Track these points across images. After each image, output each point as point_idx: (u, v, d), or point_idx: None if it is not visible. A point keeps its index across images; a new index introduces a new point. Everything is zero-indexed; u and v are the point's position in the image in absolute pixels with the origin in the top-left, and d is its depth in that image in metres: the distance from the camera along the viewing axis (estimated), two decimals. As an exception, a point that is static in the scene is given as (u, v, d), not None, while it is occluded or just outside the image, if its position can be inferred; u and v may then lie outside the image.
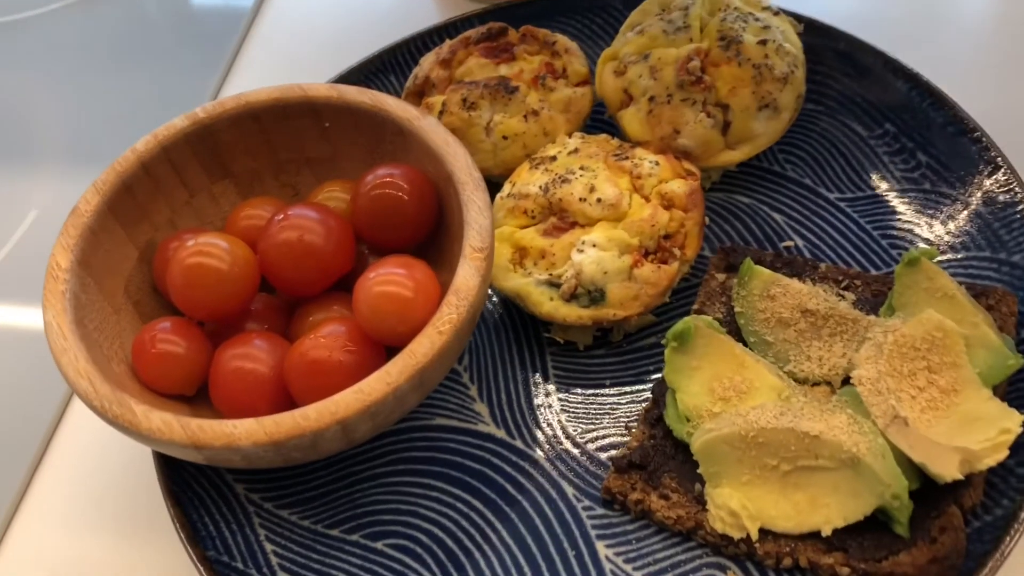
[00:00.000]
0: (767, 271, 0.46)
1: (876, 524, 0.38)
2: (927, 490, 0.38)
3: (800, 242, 0.51)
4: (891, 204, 0.51)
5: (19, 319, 0.57)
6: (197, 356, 0.43)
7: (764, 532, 0.40)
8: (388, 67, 0.61)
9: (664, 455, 0.43)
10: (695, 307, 0.48)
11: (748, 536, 0.40)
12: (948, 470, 0.37)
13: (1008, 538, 0.37)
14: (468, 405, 0.48)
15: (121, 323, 0.45)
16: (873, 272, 0.49)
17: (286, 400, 0.42)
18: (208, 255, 0.43)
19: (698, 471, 0.41)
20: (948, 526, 0.37)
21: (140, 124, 0.62)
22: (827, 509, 0.39)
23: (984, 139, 0.49)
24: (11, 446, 0.51)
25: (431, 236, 0.48)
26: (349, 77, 0.59)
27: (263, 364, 0.42)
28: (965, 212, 0.49)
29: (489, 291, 0.51)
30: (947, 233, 0.49)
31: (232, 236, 0.45)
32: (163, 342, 0.43)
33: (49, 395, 0.53)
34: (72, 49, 0.75)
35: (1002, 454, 0.37)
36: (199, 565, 0.41)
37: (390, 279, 0.41)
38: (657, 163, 0.49)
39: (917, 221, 0.50)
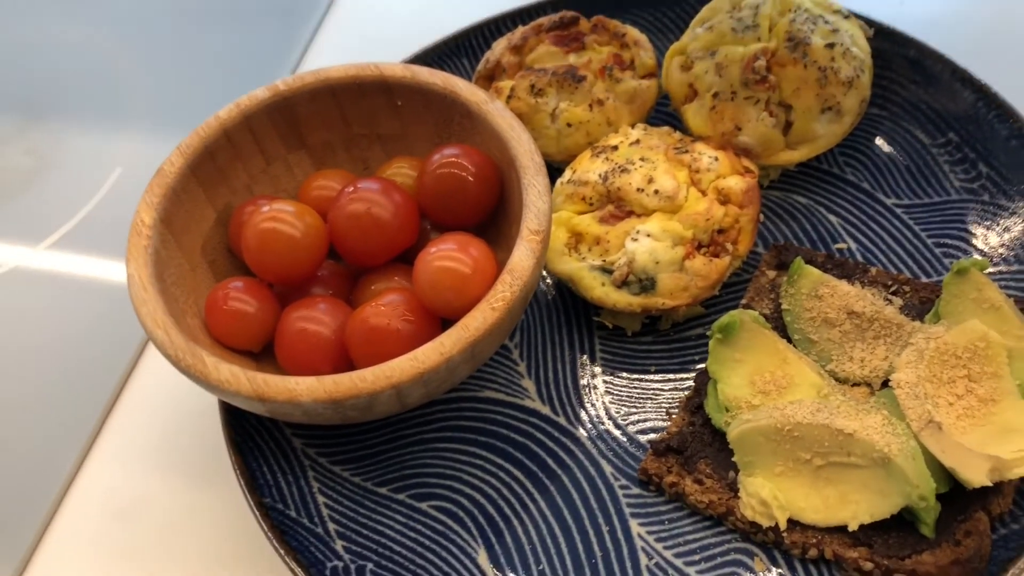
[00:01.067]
0: (816, 271, 0.47)
1: (902, 523, 0.40)
2: (956, 494, 0.39)
3: (853, 245, 0.52)
4: (948, 213, 0.52)
5: (101, 270, 0.61)
6: (265, 315, 0.46)
7: (792, 522, 0.41)
8: (461, 50, 0.63)
9: (701, 442, 0.45)
10: (744, 302, 0.49)
11: (776, 525, 0.41)
12: (977, 476, 0.38)
13: (1032, 547, 0.38)
14: (516, 380, 0.50)
15: (197, 279, 0.48)
16: (924, 279, 0.49)
17: (345, 362, 0.44)
18: (281, 221, 0.46)
19: (733, 459, 0.43)
20: (974, 530, 0.38)
21: (224, 90, 0.65)
22: (855, 505, 0.40)
23: (1048, 152, 0.50)
24: (89, 389, 0.54)
25: (492, 215, 0.50)
26: (423, 58, 0.61)
27: (326, 327, 0.45)
28: (1022, 225, 0.49)
29: (544, 273, 0.53)
30: (1002, 246, 0.49)
31: (304, 205, 0.47)
32: (235, 300, 0.46)
33: (126, 343, 0.56)
34: (162, 12, 0.78)
35: (1034, 466, 0.38)
36: (255, 510, 0.44)
37: (449, 255, 0.43)
38: (716, 159, 0.50)
39: (973, 232, 0.50)
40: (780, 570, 0.41)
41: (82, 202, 0.64)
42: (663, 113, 0.58)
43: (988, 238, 0.50)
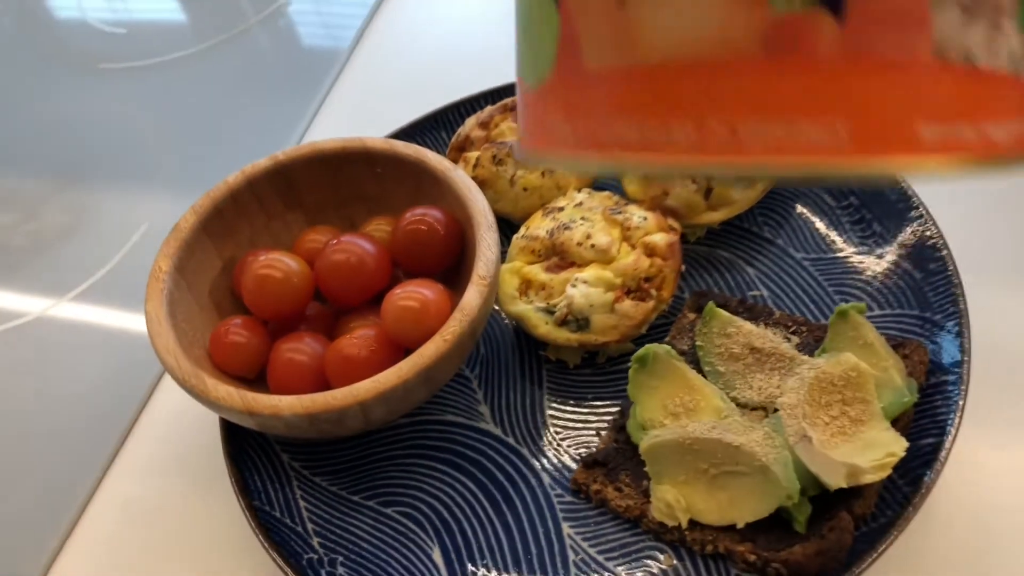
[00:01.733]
0: (726, 314, 0.55)
1: (781, 522, 0.47)
2: (825, 497, 0.47)
3: (766, 292, 0.60)
4: (847, 264, 0.60)
5: (124, 314, 0.70)
6: (259, 347, 0.55)
7: (693, 523, 0.49)
8: (440, 123, 0.72)
9: (624, 456, 0.52)
10: (667, 339, 0.57)
11: (680, 525, 0.49)
12: (836, 480, 0.45)
13: (883, 542, 0.45)
14: (474, 406, 0.58)
15: (203, 318, 0.57)
16: (822, 321, 0.57)
17: (325, 386, 0.53)
18: (275, 268, 0.55)
19: (645, 470, 0.51)
20: (836, 527, 0.45)
21: (236, 158, 0.75)
22: (742, 507, 0.48)
23: (924, 215, 0.58)
24: (111, 415, 0.63)
25: (455, 264, 0.59)
26: (409, 129, 0.71)
27: (309, 357, 0.53)
28: (904, 276, 0.57)
29: (503, 316, 0.62)
30: (887, 292, 0.57)
31: (296, 255, 0.56)
32: (234, 334, 0.55)
33: (143, 377, 0.65)
34: (186, 92, 0.89)
35: (885, 472, 0.46)
36: (246, 511, 0.53)
37: (410, 295, 0.52)
38: (645, 218, 0.59)
39: (866, 280, 0.58)
40: (683, 563, 0.49)
41: (111, 255, 0.74)
42: (606, 181, 0.67)
43: (876, 285, 0.58)
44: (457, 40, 0.88)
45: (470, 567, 0.51)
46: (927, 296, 0.55)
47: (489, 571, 0.50)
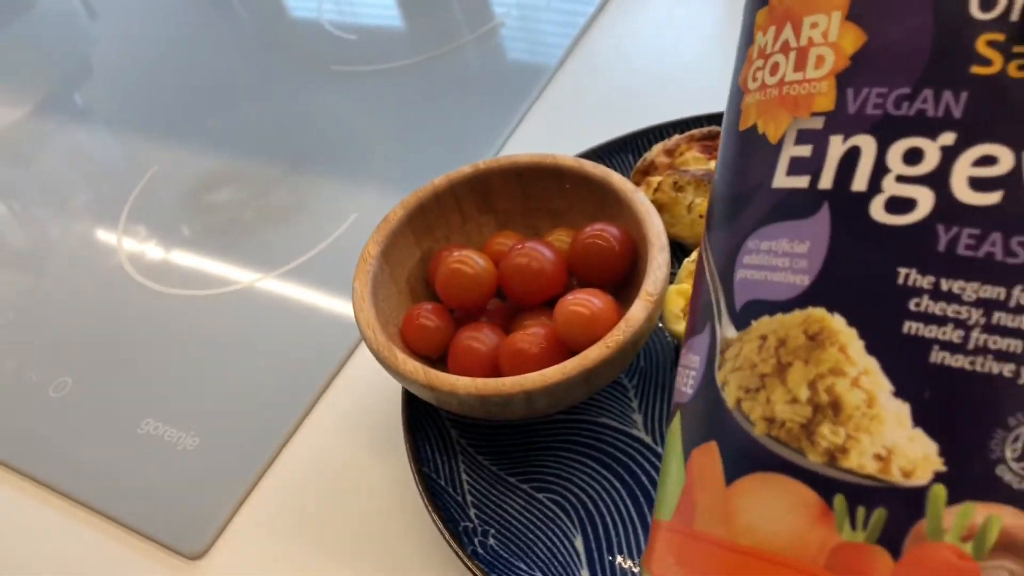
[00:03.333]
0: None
1: None
2: None
3: None
4: None
5: (330, 292, 0.79)
6: (445, 331, 0.61)
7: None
8: (628, 147, 0.77)
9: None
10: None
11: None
12: None
13: None
14: (628, 413, 0.62)
15: (399, 300, 0.65)
16: None
17: (497, 373, 0.58)
18: (465, 264, 0.61)
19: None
20: None
21: (443, 158, 0.83)
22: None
23: None
24: (309, 377, 0.72)
25: (626, 278, 0.63)
26: (599, 150, 0.76)
27: (486, 345, 0.60)
28: None
29: (666, 333, 0.66)
30: None
31: (484, 255, 0.63)
32: (424, 318, 0.62)
33: (340, 346, 0.74)
34: (408, 94, 0.98)
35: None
36: (416, 475, 0.59)
37: (581, 302, 0.57)
38: (815, 256, 0.61)
39: None
40: None
41: (322, 239, 0.84)
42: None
43: None
44: (657, 67, 0.93)
45: (607, 557, 0.55)
46: None
47: (625, 561, 0.55)
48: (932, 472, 0.22)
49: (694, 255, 0.65)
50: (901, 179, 0.23)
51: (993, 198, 0.22)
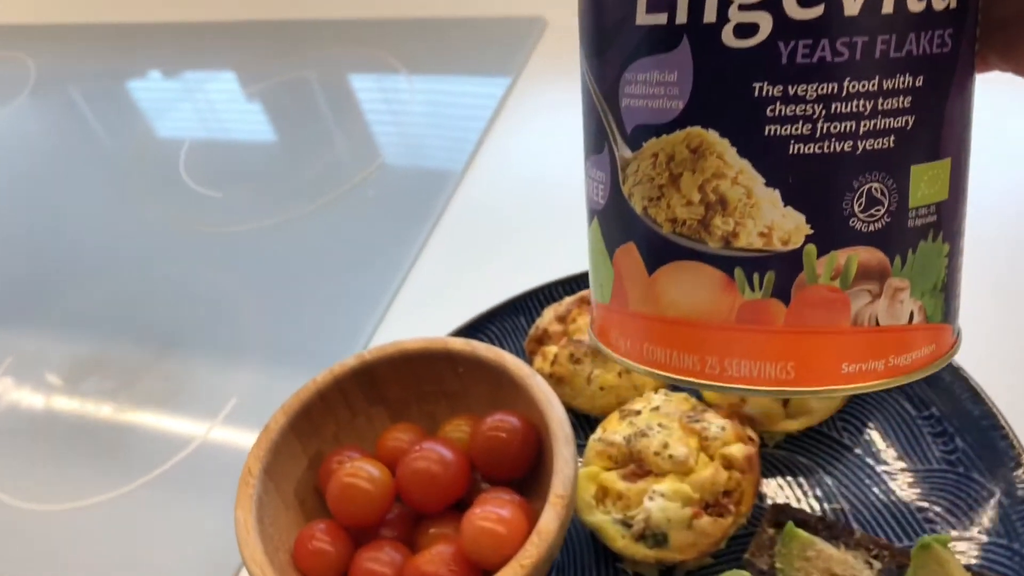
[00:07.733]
0: (805, 535, 0.55)
1: None
2: None
3: (846, 506, 0.59)
4: (929, 481, 0.59)
5: (213, 490, 0.73)
6: (341, 554, 0.56)
7: None
8: (518, 309, 0.74)
9: None
10: (746, 556, 0.57)
11: None
12: None
13: None
14: (549, 615, 0.58)
15: (288, 518, 0.59)
16: (905, 542, 0.56)
17: (403, 600, 0.54)
18: (357, 476, 0.57)
19: None
20: None
21: (316, 335, 0.78)
22: None
23: (1010, 436, 0.57)
24: (196, 596, 0.65)
25: (532, 468, 0.60)
26: (489, 315, 0.73)
27: (388, 567, 0.55)
28: (990, 500, 0.56)
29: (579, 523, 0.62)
30: (973, 515, 0.56)
31: (378, 462, 0.58)
32: (318, 541, 0.56)
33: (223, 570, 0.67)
34: (281, 258, 0.94)
35: None
36: None
37: (488, 516, 0.53)
38: (723, 428, 0.59)
39: (949, 500, 0.57)
40: None
41: (198, 431, 0.77)
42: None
43: (960, 507, 0.57)
44: (537, 214, 0.91)
45: None
46: (1015, 524, 0.54)
47: None
48: (804, 236, 0.29)
49: (599, 432, 0.62)
50: (743, 7, 0.27)
51: (817, 11, 0.27)
